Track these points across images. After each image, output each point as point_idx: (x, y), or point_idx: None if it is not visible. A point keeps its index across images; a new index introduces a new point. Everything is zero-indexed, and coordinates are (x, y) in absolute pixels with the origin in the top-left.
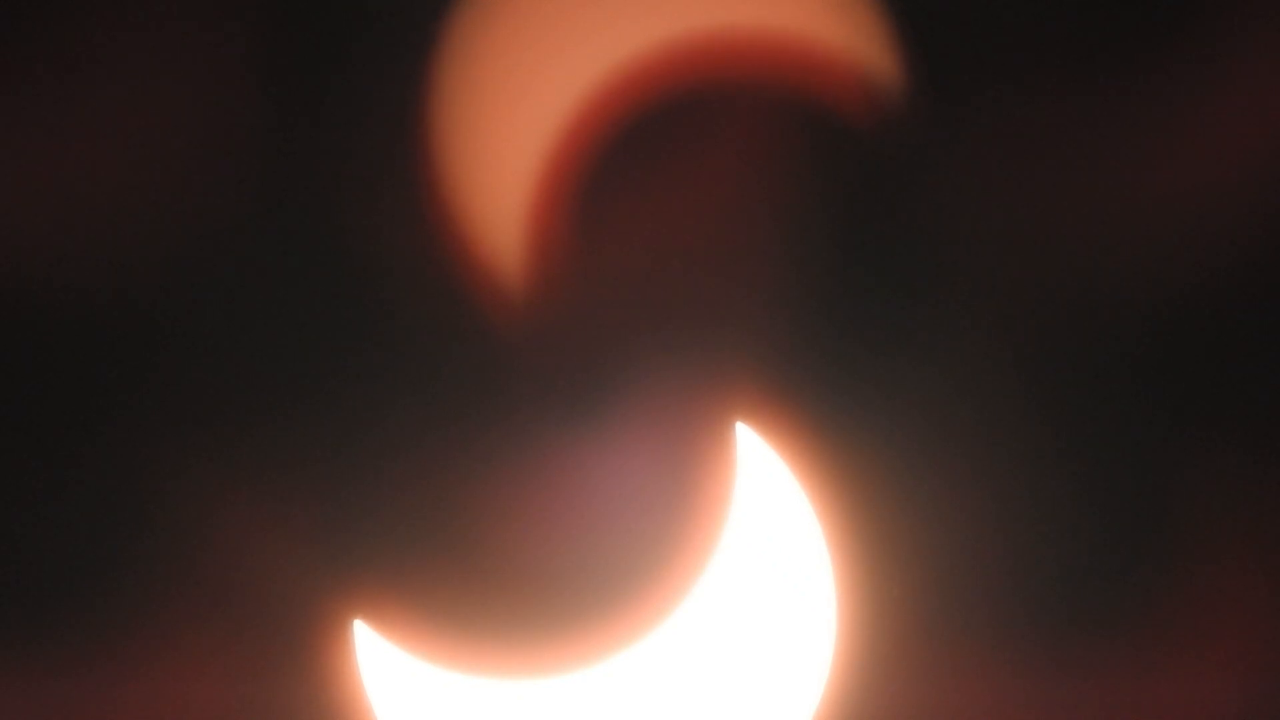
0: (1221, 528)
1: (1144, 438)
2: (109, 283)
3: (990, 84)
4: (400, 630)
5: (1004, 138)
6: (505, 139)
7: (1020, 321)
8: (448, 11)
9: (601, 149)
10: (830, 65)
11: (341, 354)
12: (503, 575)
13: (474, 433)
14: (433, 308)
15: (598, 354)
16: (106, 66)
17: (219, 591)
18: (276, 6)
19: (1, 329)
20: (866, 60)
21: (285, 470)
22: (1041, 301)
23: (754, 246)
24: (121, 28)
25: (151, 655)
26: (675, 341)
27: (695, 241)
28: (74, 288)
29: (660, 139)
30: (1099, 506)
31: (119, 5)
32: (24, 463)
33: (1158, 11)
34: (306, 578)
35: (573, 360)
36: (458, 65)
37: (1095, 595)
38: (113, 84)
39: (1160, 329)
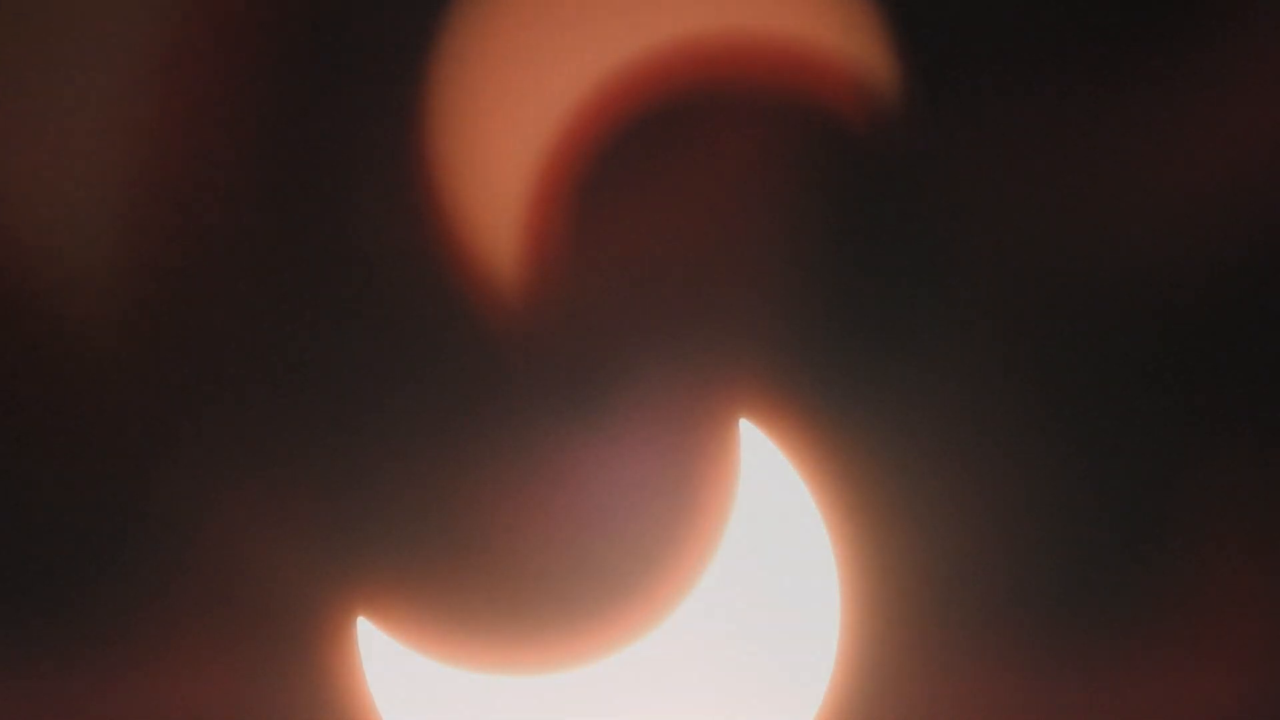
0: (1225, 528)
1: (1146, 436)
2: (108, 280)
3: (989, 85)
4: (403, 627)
5: (1002, 139)
6: (504, 139)
7: (1021, 320)
8: (446, 11)
9: (601, 149)
10: (828, 67)
11: (342, 353)
12: (505, 572)
13: (477, 431)
14: (433, 307)
15: (600, 352)
16: (105, 65)
17: (221, 589)
18: (275, 6)
19: (1, 327)
20: (864, 62)
21: (288, 468)
22: (1042, 300)
23: (755, 245)
24: (120, 27)
25: (154, 653)
26: (677, 339)
27: (695, 241)
28: (72, 285)
29: (660, 140)
30: (1102, 505)
31: (118, 4)
32: (24, 461)
33: (1157, 12)
34: (310, 575)
35: (575, 358)
36: (456, 65)
37: (1099, 594)
38: (112, 83)
39: (1161, 327)
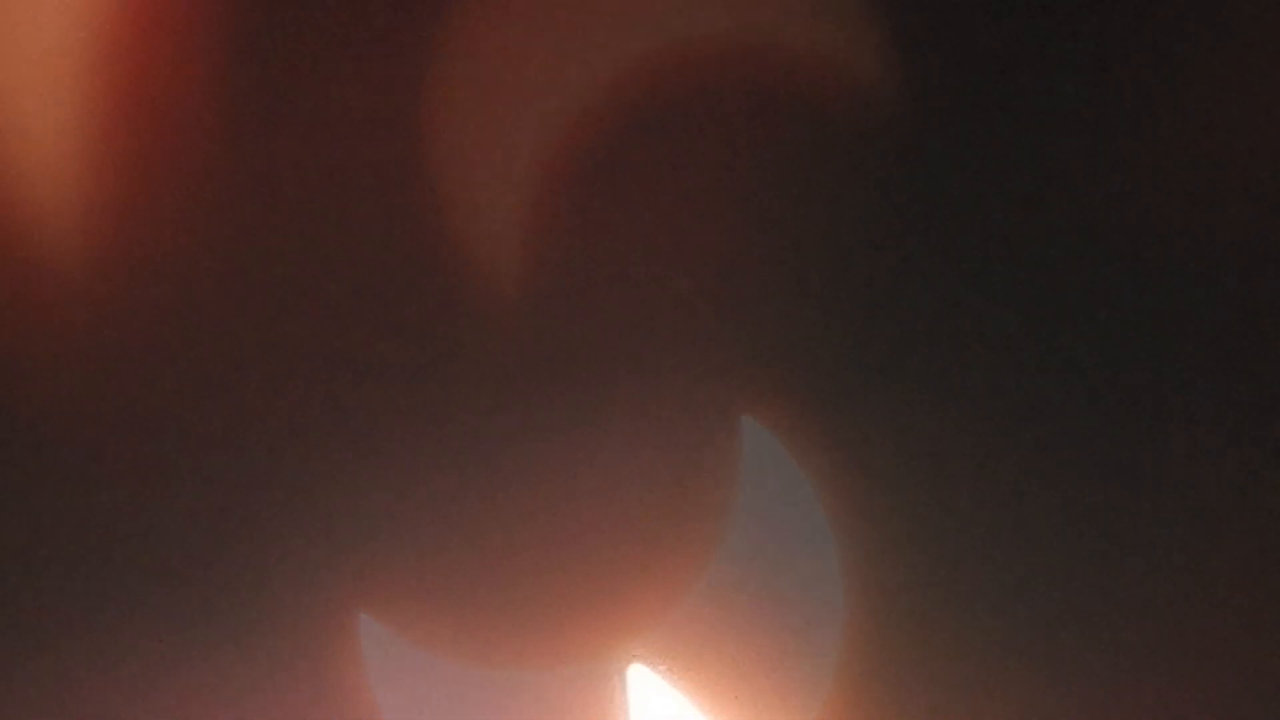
0: (1232, 529)
1: (1152, 434)
2: (103, 279)
3: (988, 85)
4: (406, 623)
5: (1003, 138)
6: (504, 139)
7: (1022, 317)
8: (446, 11)
9: (601, 148)
10: (828, 67)
11: (341, 351)
12: (507, 568)
13: (478, 427)
14: (433, 305)
15: (600, 350)
16: (100, 62)
17: (222, 586)
18: (274, 5)
19: (1, 335)
20: (863, 62)
21: (288, 464)
22: (1044, 298)
23: (755, 243)
24: (115, 23)
25: (153, 651)
26: (678, 337)
27: (696, 239)
28: (69, 284)
29: (660, 139)
30: (1109, 504)
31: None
32: (22, 460)
33: (1157, 10)
34: (311, 572)
35: (575, 356)
36: (455, 63)
37: (1105, 594)
38: (103, 78)
39: (1165, 325)
